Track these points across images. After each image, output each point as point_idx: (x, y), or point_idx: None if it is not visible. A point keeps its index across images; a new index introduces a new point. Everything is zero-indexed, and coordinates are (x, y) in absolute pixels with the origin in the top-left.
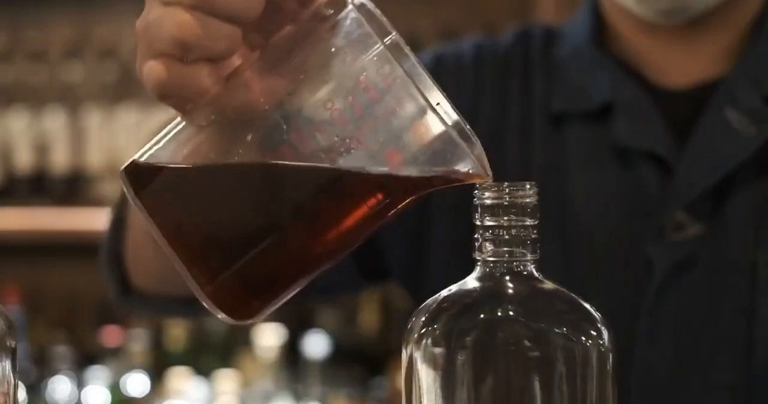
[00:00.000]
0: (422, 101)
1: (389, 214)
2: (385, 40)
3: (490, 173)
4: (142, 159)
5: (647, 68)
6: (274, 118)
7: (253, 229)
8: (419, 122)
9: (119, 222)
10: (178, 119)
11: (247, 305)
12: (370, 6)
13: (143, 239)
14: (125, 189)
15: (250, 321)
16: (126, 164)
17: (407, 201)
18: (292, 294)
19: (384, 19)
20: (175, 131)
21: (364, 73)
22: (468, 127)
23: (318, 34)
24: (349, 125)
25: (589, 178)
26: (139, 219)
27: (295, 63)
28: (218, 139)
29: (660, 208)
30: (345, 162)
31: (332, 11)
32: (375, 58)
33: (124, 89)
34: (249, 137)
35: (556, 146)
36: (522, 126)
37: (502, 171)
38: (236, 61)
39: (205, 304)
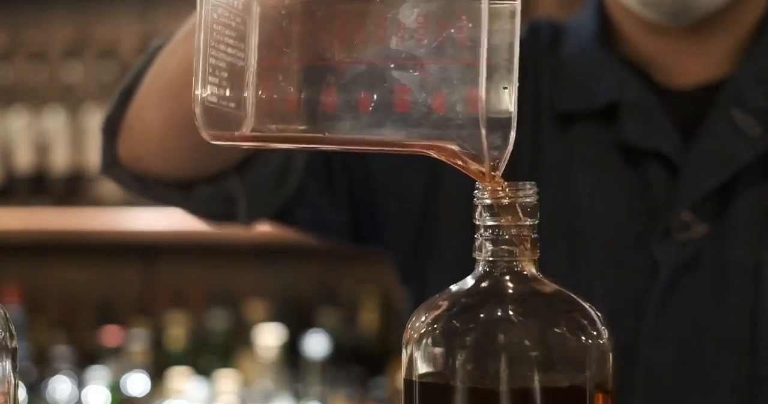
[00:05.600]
0: (481, 77)
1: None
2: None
3: (492, 173)
4: None
5: (653, 68)
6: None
7: (282, 78)
8: (471, 93)
9: (126, 93)
10: None
11: (229, 133)
12: None
13: (167, 76)
14: None
15: (220, 142)
16: None
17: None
18: (268, 145)
19: None
20: None
21: (465, 16)
22: (513, 129)
23: None
24: (424, 48)
25: (596, 177)
26: (168, 57)
27: None
28: None
29: (666, 208)
30: (398, 75)
31: None
32: (481, 10)
33: None
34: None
35: (562, 145)
36: (531, 124)
37: (514, 169)
38: None
39: (195, 109)
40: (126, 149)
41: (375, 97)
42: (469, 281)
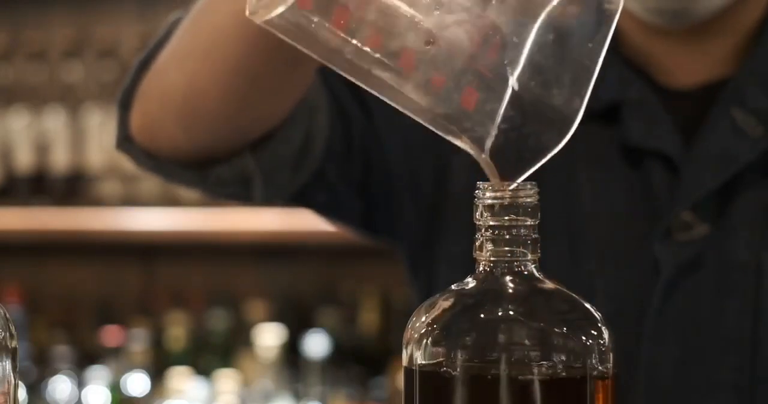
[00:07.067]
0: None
1: None
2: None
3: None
4: None
5: (654, 68)
6: None
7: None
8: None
9: (143, 65)
10: None
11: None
12: None
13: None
14: None
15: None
16: None
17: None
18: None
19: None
20: None
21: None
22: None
23: None
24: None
25: (597, 177)
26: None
27: None
28: None
29: (667, 208)
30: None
31: None
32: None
33: None
34: None
35: (564, 146)
36: None
37: None
38: None
39: None
40: (141, 118)
41: (418, 63)
42: (470, 281)
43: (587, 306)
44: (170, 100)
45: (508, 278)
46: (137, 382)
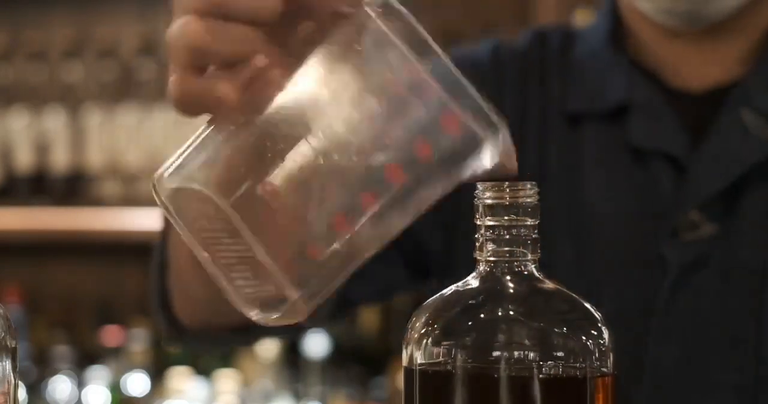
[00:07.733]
0: (445, 98)
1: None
2: (410, 39)
3: (514, 165)
4: (173, 169)
5: (664, 70)
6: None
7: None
8: (444, 118)
9: (161, 265)
10: (206, 125)
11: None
12: (395, 4)
13: (186, 266)
14: (157, 198)
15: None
16: (159, 174)
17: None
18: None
19: (411, 18)
20: (204, 135)
21: (389, 73)
22: (498, 121)
23: (342, 31)
24: (379, 123)
25: (604, 178)
26: (181, 249)
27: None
28: (250, 142)
29: (674, 208)
30: (375, 160)
31: (353, 9)
32: (398, 57)
33: (124, 89)
34: (282, 137)
35: (571, 146)
36: (539, 127)
37: (522, 172)
38: (261, 61)
39: (241, 309)
40: (181, 311)
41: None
42: (470, 281)
43: (587, 306)
44: (198, 304)
45: (508, 278)
46: (137, 382)
